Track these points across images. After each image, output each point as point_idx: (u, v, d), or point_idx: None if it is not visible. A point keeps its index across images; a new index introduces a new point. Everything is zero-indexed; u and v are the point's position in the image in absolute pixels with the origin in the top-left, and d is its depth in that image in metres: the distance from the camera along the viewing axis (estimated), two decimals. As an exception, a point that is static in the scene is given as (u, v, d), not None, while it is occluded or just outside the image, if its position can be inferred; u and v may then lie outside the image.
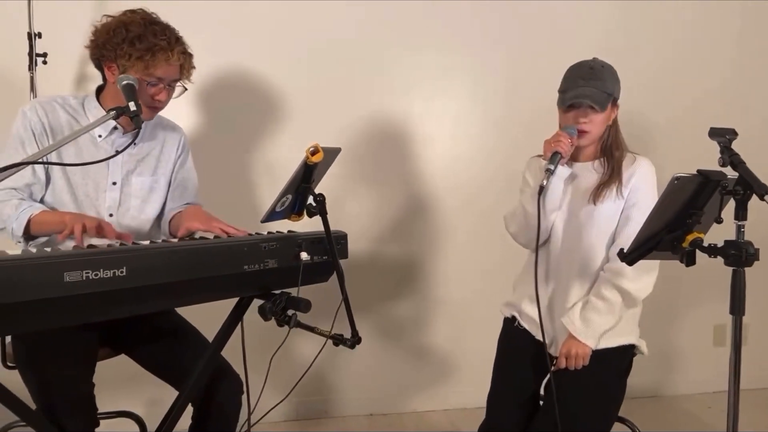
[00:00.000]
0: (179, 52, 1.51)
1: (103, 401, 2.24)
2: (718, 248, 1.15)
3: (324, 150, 1.39)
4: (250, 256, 1.35)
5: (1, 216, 1.44)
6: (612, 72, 1.64)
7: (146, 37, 1.46)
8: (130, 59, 1.45)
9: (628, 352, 1.65)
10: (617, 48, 2.51)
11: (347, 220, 2.59)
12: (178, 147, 1.72)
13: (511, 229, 1.74)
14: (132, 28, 1.46)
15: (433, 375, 2.76)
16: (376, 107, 2.58)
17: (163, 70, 1.49)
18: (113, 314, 1.19)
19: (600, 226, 1.62)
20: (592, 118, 1.61)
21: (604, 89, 1.60)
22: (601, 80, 1.60)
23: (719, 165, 1.18)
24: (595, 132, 1.64)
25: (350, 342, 1.53)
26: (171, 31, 1.52)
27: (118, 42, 1.45)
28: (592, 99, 1.58)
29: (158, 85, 1.51)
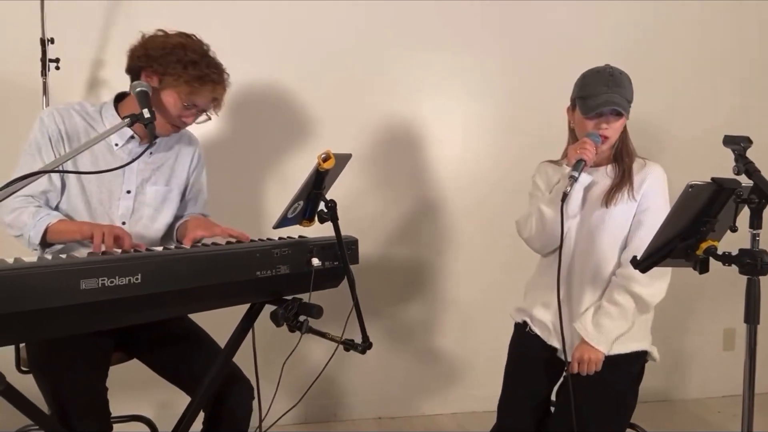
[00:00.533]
0: (222, 88, 1.57)
1: (115, 405, 2.25)
2: (732, 257, 1.15)
3: (335, 156, 1.39)
4: (263, 262, 1.36)
5: (19, 223, 1.45)
6: (629, 79, 1.65)
7: (200, 66, 1.50)
8: (179, 80, 1.49)
9: (641, 358, 1.65)
10: (628, 50, 2.53)
11: (357, 222, 2.57)
12: (193, 159, 1.74)
13: (525, 235, 1.74)
14: (190, 53, 1.50)
15: (443, 378, 2.76)
16: (385, 110, 2.58)
17: (202, 99, 1.54)
18: (128, 321, 1.20)
19: (612, 230, 1.62)
20: (613, 125, 1.62)
21: (625, 96, 1.61)
22: (622, 87, 1.61)
23: (733, 173, 1.18)
24: (613, 138, 1.65)
25: (361, 347, 1.54)
26: (220, 66, 1.58)
27: (173, 60, 1.48)
28: (621, 106, 1.59)
29: (192, 110, 1.55)
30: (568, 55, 2.58)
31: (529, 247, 1.76)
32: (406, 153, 2.63)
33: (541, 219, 1.66)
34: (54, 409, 1.36)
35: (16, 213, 1.45)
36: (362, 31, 2.53)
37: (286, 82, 2.49)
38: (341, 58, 2.51)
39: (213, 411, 1.57)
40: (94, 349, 1.45)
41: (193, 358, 1.59)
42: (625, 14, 2.70)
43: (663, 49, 2.74)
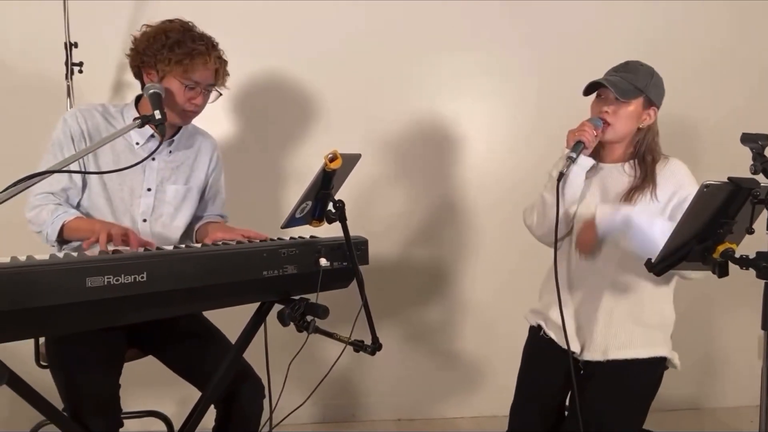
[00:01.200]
0: (216, 57, 1.57)
1: (136, 400, 2.31)
2: (749, 260, 1.10)
3: (343, 156, 1.39)
4: (269, 261, 1.36)
5: (39, 220, 1.50)
6: (649, 72, 1.59)
7: (185, 42, 1.52)
8: (170, 63, 1.51)
9: (659, 365, 1.59)
10: (655, 50, 2.45)
11: (376, 221, 2.60)
12: (211, 159, 1.77)
13: (528, 221, 1.71)
14: (171, 34, 1.52)
15: (462, 381, 2.73)
16: (408, 109, 2.57)
17: (200, 74, 1.55)
18: (135, 318, 1.22)
19: (631, 229, 1.55)
20: (617, 111, 1.56)
21: (632, 81, 1.55)
22: (631, 73, 1.56)
23: (750, 172, 1.13)
24: (619, 128, 1.58)
25: (371, 349, 1.53)
26: (207, 37, 1.58)
27: (158, 48, 1.50)
28: (613, 85, 1.54)
29: (195, 89, 1.56)
30: (593, 55, 2.50)
31: (533, 235, 1.73)
32: (428, 152, 2.62)
33: (542, 204, 1.63)
34: (66, 403, 1.39)
35: (37, 210, 1.50)
36: (388, 30, 2.52)
37: (307, 80, 2.50)
38: (365, 57, 2.51)
39: (224, 408, 1.59)
40: (107, 346, 1.48)
41: (206, 355, 1.61)
42: (650, 12, 2.62)
43: (696, 49, 2.64)
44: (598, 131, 1.56)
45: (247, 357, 1.64)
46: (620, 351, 1.56)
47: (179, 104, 1.56)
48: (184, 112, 1.58)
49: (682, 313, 2.26)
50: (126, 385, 2.28)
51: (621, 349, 1.57)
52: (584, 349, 1.60)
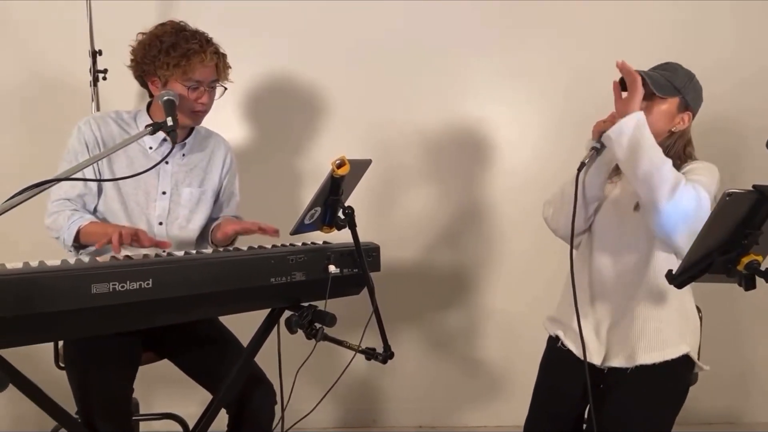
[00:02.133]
0: (212, 53, 1.56)
1: (158, 402, 2.35)
2: None
3: (351, 162, 1.37)
4: (277, 268, 1.36)
5: (56, 225, 1.53)
6: (688, 74, 1.52)
7: (179, 44, 1.52)
8: (169, 68, 1.52)
9: (688, 365, 1.51)
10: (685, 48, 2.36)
11: (399, 226, 2.57)
12: (225, 161, 1.77)
13: (545, 213, 1.65)
14: (164, 38, 1.52)
15: (486, 389, 2.68)
16: (433, 111, 2.54)
17: (200, 72, 1.55)
18: (140, 324, 1.24)
19: (645, 232, 1.49)
20: (650, 107, 1.48)
21: (669, 79, 1.48)
22: (671, 72, 1.49)
23: (776, 180, 1.06)
24: (651, 125, 1.46)
25: (382, 357, 1.51)
26: (201, 34, 1.58)
27: (154, 54, 1.52)
28: (651, 78, 1.46)
29: (199, 89, 1.57)
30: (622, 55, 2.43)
31: (549, 227, 1.67)
32: (454, 156, 2.58)
33: (561, 195, 1.57)
34: (79, 405, 1.42)
35: (54, 216, 1.53)
36: (411, 32, 2.49)
37: (328, 81, 2.49)
38: (389, 59, 2.49)
39: (236, 413, 1.59)
40: (123, 350, 1.50)
41: (220, 360, 1.61)
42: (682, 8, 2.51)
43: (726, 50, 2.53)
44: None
45: (261, 362, 1.64)
46: (647, 354, 1.49)
47: (187, 105, 1.56)
48: (193, 112, 1.59)
49: (717, 324, 2.18)
50: (147, 387, 2.35)
51: (648, 352, 1.50)
52: (607, 357, 1.54)
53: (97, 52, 2.02)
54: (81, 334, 1.15)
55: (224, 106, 2.39)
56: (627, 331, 1.52)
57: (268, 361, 1.57)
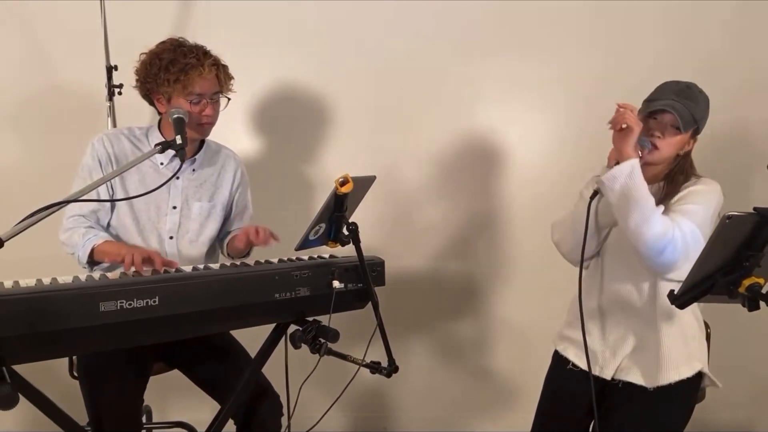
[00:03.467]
0: (210, 65, 1.59)
1: (171, 411, 2.40)
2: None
3: (354, 180, 1.39)
4: (282, 284, 1.39)
5: (71, 242, 1.58)
6: (706, 101, 1.53)
7: (177, 59, 1.55)
8: (169, 84, 1.55)
9: (697, 383, 1.51)
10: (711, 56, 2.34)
11: (410, 236, 2.59)
12: (235, 176, 1.80)
13: (555, 237, 1.66)
14: (163, 55, 1.56)
15: (495, 398, 2.68)
16: (445, 120, 2.54)
17: (199, 85, 1.58)
18: (148, 340, 1.27)
19: None
20: (668, 137, 1.50)
21: (693, 111, 1.49)
22: (694, 102, 1.49)
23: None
24: (665, 153, 1.51)
25: (387, 371, 1.53)
26: (198, 48, 1.61)
27: (155, 72, 1.56)
28: (679, 113, 1.47)
29: (201, 102, 1.60)
30: (637, 66, 2.41)
31: (559, 251, 1.68)
32: (466, 165, 2.57)
33: (572, 221, 1.58)
34: (89, 413, 1.46)
35: (69, 233, 1.58)
36: (423, 40, 2.50)
37: (338, 91, 2.51)
38: (398, 68, 2.50)
39: (244, 424, 1.62)
40: (133, 360, 1.54)
41: (228, 372, 1.65)
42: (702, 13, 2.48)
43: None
44: (645, 152, 1.49)
45: (270, 374, 1.67)
46: (663, 374, 1.50)
47: (192, 119, 1.58)
48: (198, 125, 1.62)
49: (733, 334, 2.15)
50: (161, 395, 2.40)
51: (664, 372, 1.50)
52: (620, 372, 1.55)
53: (112, 67, 2.06)
54: (89, 350, 1.20)
55: (235, 116, 2.47)
56: (641, 350, 1.53)
57: (276, 372, 1.60)
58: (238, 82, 2.58)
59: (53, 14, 2.39)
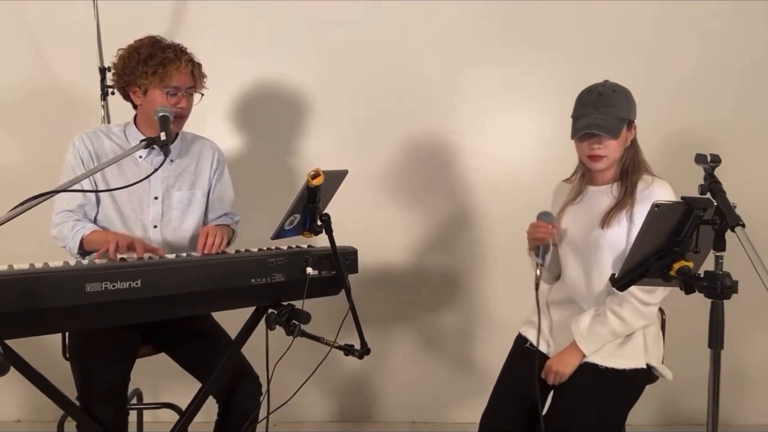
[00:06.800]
0: (186, 60, 1.71)
1: (163, 393, 2.50)
2: (694, 279, 1.12)
3: (326, 173, 1.49)
4: (257, 270, 1.49)
5: (61, 236, 1.69)
6: (624, 95, 1.62)
7: (155, 54, 1.66)
8: (147, 76, 1.66)
9: (639, 375, 1.61)
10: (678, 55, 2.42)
11: (393, 231, 2.68)
12: (213, 162, 1.89)
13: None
14: (142, 50, 1.67)
15: (478, 388, 2.74)
16: (424, 119, 2.63)
17: (177, 78, 1.68)
18: (131, 320, 1.38)
19: (608, 251, 1.60)
20: (607, 144, 1.60)
21: (615, 115, 1.58)
22: (611, 106, 1.58)
23: (698, 192, 1.15)
24: (612, 156, 1.62)
25: (359, 353, 1.63)
26: (176, 45, 1.72)
27: (133, 65, 1.66)
28: (602, 128, 1.57)
29: (177, 94, 1.70)
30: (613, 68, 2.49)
31: None
32: (444, 163, 2.67)
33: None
34: (79, 392, 1.56)
35: (59, 227, 1.69)
36: (403, 42, 2.59)
37: (321, 91, 2.61)
38: (380, 69, 2.59)
39: (224, 404, 1.72)
40: (121, 342, 1.65)
41: (212, 355, 1.74)
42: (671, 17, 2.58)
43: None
44: (555, 226, 1.63)
45: (252, 355, 1.76)
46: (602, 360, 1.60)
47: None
48: (174, 118, 1.67)
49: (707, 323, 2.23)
50: (154, 378, 2.50)
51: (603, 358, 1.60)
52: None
53: (106, 68, 2.16)
54: (76, 328, 1.30)
55: (224, 111, 2.57)
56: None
57: (259, 354, 1.70)
58: (230, 80, 2.70)
59: (48, 15, 2.50)
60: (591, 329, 1.60)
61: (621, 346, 1.59)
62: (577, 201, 1.70)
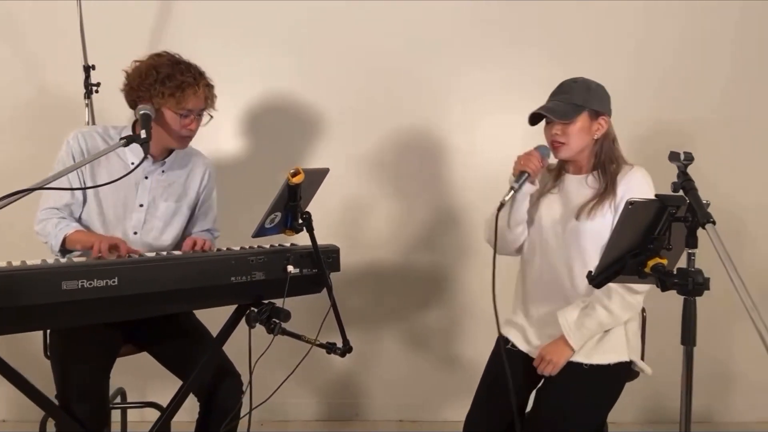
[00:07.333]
0: (204, 85, 1.70)
1: (150, 393, 2.50)
2: (668, 276, 1.13)
3: (306, 171, 1.49)
4: (238, 268, 1.49)
5: (44, 232, 1.68)
6: (584, 86, 1.64)
7: (175, 76, 1.65)
8: (164, 96, 1.64)
9: (622, 371, 1.62)
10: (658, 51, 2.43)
11: (380, 228, 2.69)
12: (203, 178, 1.88)
13: (485, 236, 1.76)
14: (161, 69, 1.65)
15: (465, 385, 2.73)
16: (410, 117, 2.64)
17: (192, 102, 1.68)
18: (109, 318, 1.38)
19: (587, 243, 1.60)
20: (565, 130, 1.61)
21: (570, 101, 1.61)
22: (567, 93, 1.62)
23: (671, 190, 1.16)
24: (573, 145, 1.62)
25: (341, 351, 1.63)
26: (195, 68, 1.71)
27: (150, 83, 1.64)
28: (550, 111, 1.60)
29: (189, 116, 1.70)
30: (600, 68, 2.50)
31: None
32: (430, 161, 2.68)
33: (488, 229, 1.68)
34: (58, 390, 1.56)
35: (43, 224, 1.68)
36: (390, 40, 2.60)
37: (306, 92, 2.61)
38: (368, 67, 2.60)
39: (205, 403, 1.72)
40: (102, 341, 1.64)
41: (195, 354, 1.74)
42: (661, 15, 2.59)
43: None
44: (545, 161, 1.62)
45: (235, 354, 1.77)
46: (585, 357, 1.61)
47: (176, 131, 1.69)
48: (180, 137, 1.72)
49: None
50: (138, 379, 2.50)
51: (585, 355, 1.61)
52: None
53: (90, 66, 2.16)
54: (53, 326, 1.30)
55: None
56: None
57: (243, 352, 1.69)
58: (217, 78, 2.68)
59: (32, 13, 2.50)
60: (579, 323, 1.59)
61: (602, 342, 1.60)
62: (554, 191, 1.71)
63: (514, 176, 1.62)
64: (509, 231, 1.69)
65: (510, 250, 1.77)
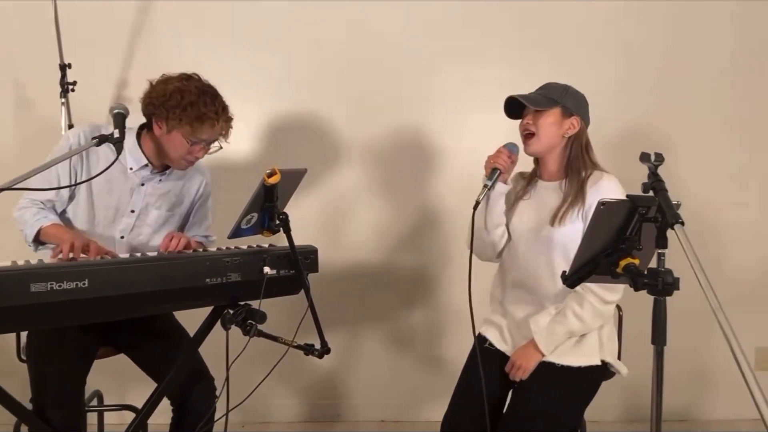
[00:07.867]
0: (224, 121, 1.66)
1: (129, 395, 2.48)
2: (639, 276, 1.13)
3: (282, 172, 1.48)
4: (213, 269, 1.48)
5: (22, 219, 1.65)
6: (562, 87, 1.66)
7: (198, 106, 1.60)
8: (180, 122, 1.61)
9: (595, 373, 1.62)
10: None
11: (363, 229, 2.68)
12: (200, 189, 1.86)
13: (467, 242, 1.76)
14: (186, 96, 1.60)
15: (447, 386, 2.73)
16: (391, 121, 2.64)
17: (206, 134, 1.65)
18: (79, 320, 1.35)
19: (559, 249, 1.61)
20: (536, 120, 1.63)
21: (544, 94, 1.64)
22: (544, 89, 1.65)
23: (641, 190, 1.16)
24: (543, 136, 1.63)
25: (318, 352, 1.62)
26: (219, 101, 1.66)
27: (172, 105, 1.60)
28: (525, 97, 1.62)
29: (200, 144, 1.67)
30: (589, 71, 2.52)
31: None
32: (411, 163, 2.68)
33: (469, 230, 1.68)
34: (33, 394, 1.54)
35: (22, 211, 1.65)
36: (378, 42, 2.60)
37: (299, 89, 2.61)
38: (356, 69, 2.60)
39: (179, 407, 1.71)
40: (78, 343, 1.62)
41: (172, 356, 1.71)
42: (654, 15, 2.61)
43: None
44: (514, 156, 1.63)
45: (211, 357, 1.76)
46: (558, 358, 1.61)
47: (180, 154, 1.66)
48: (182, 161, 1.69)
49: (675, 323, 2.25)
50: (116, 382, 2.47)
51: (559, 356, 1.62)
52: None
53: (66, 65, 2.14)
54: (22, 328, 1.28)
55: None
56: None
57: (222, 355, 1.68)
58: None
59: (6, 11, 2.46)
60: (550, 329, 1.61)
61: (576, 345, 1.61)
62: (527, 197, 1.72)
63: (486, 175, 1.63)
64: (488, 233, 1.70)
65: (491, 255, 1.77)
